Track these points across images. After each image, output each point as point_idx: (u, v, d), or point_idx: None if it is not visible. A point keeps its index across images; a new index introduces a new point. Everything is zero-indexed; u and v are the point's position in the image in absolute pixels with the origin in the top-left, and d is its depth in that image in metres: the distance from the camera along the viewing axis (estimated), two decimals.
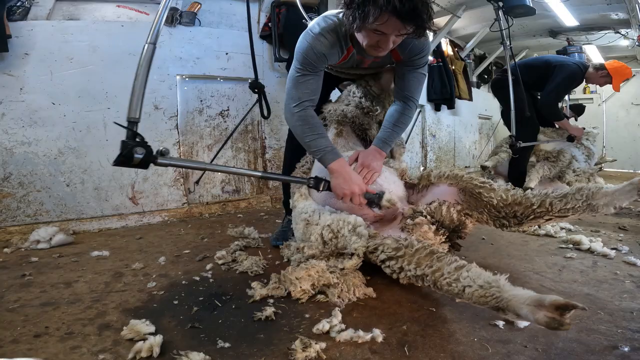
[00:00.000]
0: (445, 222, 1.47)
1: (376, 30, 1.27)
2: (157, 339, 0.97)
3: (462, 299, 1.04)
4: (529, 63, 3.27)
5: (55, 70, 2.22)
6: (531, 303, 0.89)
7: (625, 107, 6.05)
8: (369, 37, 1.32)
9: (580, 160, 3.46)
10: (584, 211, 1.29)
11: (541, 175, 3.26)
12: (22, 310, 1.19)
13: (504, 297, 0.94)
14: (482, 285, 0.99)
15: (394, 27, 1.24)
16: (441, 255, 1.15)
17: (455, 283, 1.05)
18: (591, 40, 4.99)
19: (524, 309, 0.89)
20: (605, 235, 2.07)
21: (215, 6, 2.90)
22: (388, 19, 1.21)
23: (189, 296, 1.31)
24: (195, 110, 2.76)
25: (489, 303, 0.97)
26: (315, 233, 1.40)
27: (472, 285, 1.01)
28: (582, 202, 1.27)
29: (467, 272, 1.04)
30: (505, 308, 0.94)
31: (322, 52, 1.44)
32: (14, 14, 2.16)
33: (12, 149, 2.13)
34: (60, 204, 2.24)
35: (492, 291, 0.97)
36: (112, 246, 1.91)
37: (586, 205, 1.27)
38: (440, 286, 1.09)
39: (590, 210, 1.28)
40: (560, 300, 0.85)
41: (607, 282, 1.40)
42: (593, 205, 1.26)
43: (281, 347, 0.99)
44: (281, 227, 1.99)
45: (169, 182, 2.61)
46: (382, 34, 1.28)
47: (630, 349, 0.96)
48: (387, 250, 1.26)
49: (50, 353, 0.96)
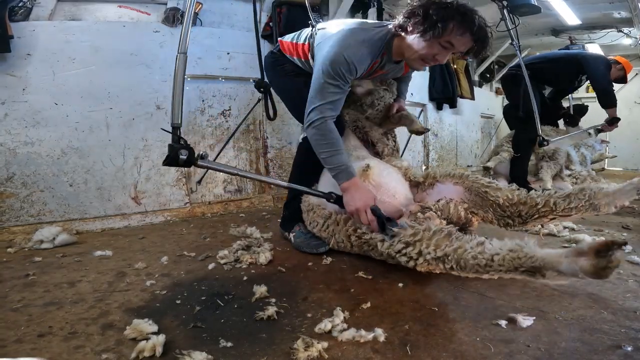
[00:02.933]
0: (454, 219, 1.50)
1: (448, 42, 1.39)
2: (159, 339, 0.97)
3: (490, 270, 1.01)
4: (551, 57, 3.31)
5: (58, 71, 2.23)
6: (570, 255, 0.86)
7: (629, 106, 6.02)
8: (431, 47, 1.41)
9: (575, 162, 3.47)
10: (587, 210, 1.32)
11: (551, 174, 3.26)
12: (26, 310, 1.20)
13: (539, 255, 0.92)
14: (512, 249, 0.97)
15: (464, 45, 1.40)
16: (460, 235, 1.15)
17: (481, 255, 1.03)
18: (594, 39, 4.97)
19: (564, 262, 0.87)
20: (608, 234, 2.06)
21: (216, 6, 2.90)
22: (464, 36, 1.38)
23: (191, 296, 1.31)
24: (197, 110, 2.76)
25: (524, 264, 0.94)
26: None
27: (500, 252, 0.99)
28: (584, 201, 1.31)
29: (491, 244, 1.03)
30: (542, 266, 0.91)
31: (354, 65, 1.44)
32: (15, 15, 2.17)
33: (15, 149, 2.13)
34: (64, 204, 2.25)
35: (525, 251, 0.95)
36: (115, 246, 1.92)
37: (589, 204, 1.31)
38: (465, 263, 1.07)
39: (593, 209, 1.32)
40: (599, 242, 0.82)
41: (610, 282, 1.39)
42: (595, 204, 1.31)
43: (283, 346, 0.99)
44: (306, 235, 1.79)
45: (172, 182, 2.62)
46: (450, 47, 1.40)
47: (634, 349, 0.95)
48: (404, 238, 1.26)
49: (54, 352, 0.97)
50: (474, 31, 1.37)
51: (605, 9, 4.11)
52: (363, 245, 1.51)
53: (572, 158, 3.45)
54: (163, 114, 2.57)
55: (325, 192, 1.54)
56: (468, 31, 1.37)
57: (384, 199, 1.56)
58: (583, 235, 1.87)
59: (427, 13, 1.36)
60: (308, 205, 1.75)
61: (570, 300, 1.24)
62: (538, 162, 3.38)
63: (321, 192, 1.56)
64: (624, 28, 4.57)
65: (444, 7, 1.36)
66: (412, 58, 1.49)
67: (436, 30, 1.35)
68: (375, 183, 1.59)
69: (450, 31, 1.36)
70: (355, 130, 1.89)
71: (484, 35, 1.39)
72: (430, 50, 1.42)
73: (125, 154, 2.44)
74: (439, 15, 1.34)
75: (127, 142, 2.44)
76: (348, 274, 1.49)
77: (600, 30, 4.67)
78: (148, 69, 2.52)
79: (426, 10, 1.36)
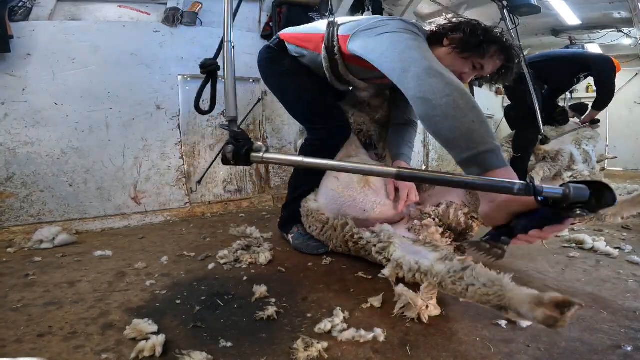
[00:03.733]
0: (453, 225, 1.48)
1: (479, 64, 1.41)
2: (159, 339, 0.98)
3: (465, 298, 1.04)
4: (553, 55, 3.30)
5: (58, 71, 2.23)
6: (531, 301, 0.88)
7: (629, 107, 6.02)
8: (464, 65, 1.42)
9: (578, 161, 3.44)
10: (591, 219, 1.30)
11: (542, 176, 3.24)
12: (26, 310, 1.20)
13: (507, 296, 0.94)
14: (486, 284, 0.99)
15: (492, 69, 1.43)
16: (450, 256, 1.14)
17: (459, 282, 1.04)
18: (593, 39, 4.97)
19: (525, 306, 0.89)
20: (608, 234, 2.06)
21: (216, 6, 2.90)
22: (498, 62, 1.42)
23: (191, 296, 1.31)
24: None
25: (491, 302, 0.97)
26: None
27: (476, 283, 1.00)
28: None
29: (472, 271, 1.04)
30: (507, 307, 0.94)
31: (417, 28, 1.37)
32: (15, 15, 2.17)
33: (15, 150, 2.13)
34: (63, 204, 2.25)
35: (495, 289, 0.96)
36: (115, 246, 1.92)
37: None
38: (444, 285, 1.09)
39: (597, 219, 1.29)
40: (558, 297, 0.84)
41: (610, 282, 1.40)
42: (600, 214, 1.27)
43: (283, 346, 0.99)
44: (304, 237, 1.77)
45: (172, 182, 2.62)
46: (480, 69, 1.43)
47: (634, 349, 0.95)
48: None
49: (54, 353, 0.97)
50: (510, 57, 1.42)
51: (605, 9, 4.11)
52: (360, 251, 1.52)
53: (574, 158, 3.41)
54: (163, 114, 2.57)
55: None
56: (505, 57, 1.42)
57: (385, 203, 1.56)
58: (583, 235, 1.87)
59: (474, 32, 1.38)
60: (307, 210, 1.74)
61: None
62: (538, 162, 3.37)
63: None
64: (624, 28, 4.57)
65: (491, 31, 1.40)
66: None
67: (480, 50, 1.38)
68: (376, 187, 1.58)
69: (492, 55, 1.40)
70: (360, 134, 1.87)
71: (514, 62, 1.44)
72: (462, 68, 1.43)
73: (125, 154, 2.44)
74: (486, 37, 1.37)
75: (127, 142, 2.44)
76: (348, 274, 1.49)
77: (600, 30, 4.67)
78: (148, 69, 2.52)
79: (474, 30, 1.38)
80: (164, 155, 2.59)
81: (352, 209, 1.57)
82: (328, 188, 1.65)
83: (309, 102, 1.76)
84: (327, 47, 1.55)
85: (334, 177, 1.65)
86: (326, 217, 1.64)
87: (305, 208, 1.75)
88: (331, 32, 1.54)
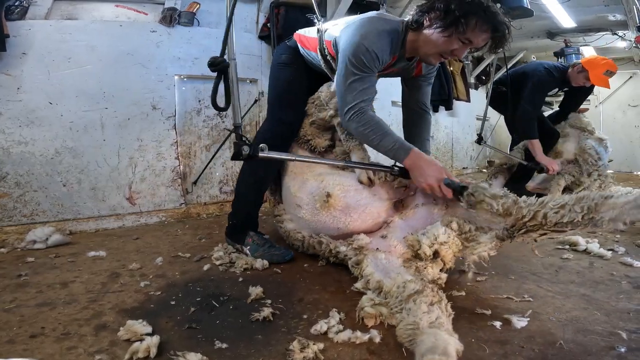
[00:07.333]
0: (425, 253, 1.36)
1: (466, 39, 1.35)
2: (154, 340, 0.97)
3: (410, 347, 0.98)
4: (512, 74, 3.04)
5: (53, 70, 2.22)
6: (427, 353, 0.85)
7: (622, 109, 6.07)
8: (451, 43, 1.37)
9: (604, 159, 3.03)
10: (586, 226, 1.07)
11: (563, 187, 2.97)
12: (18, 311, 1.19)
13: (417, 340, 0.92)
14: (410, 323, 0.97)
15: (483, 41, 1.38)
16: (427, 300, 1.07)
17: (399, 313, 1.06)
18: (589, 41, 5.01)
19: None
20: (601, 236, 2.07)
21: (214, 6, 2.89)
22: (485, 33, 1.36)
23: (186, 297, 1.30)
24: (193, 110, 2.75)
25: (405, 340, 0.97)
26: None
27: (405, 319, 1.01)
28: (582, 215, 1.04)
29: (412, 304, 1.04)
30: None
31: (376, 53, 1.38)
32: (12, 14, 2.15)
33: (8, 149, 2.12)
34: (57, 204, 2.24)
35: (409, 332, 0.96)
36: (109, 246, 1.90)
37: (588, 219, 1.04)
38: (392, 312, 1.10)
39: (594, 225, 1.05)
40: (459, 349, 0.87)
41: (603, 283, 1.41)
42: (596, 219, 1.03)
43: (279, 347, 0.99)
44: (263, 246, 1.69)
45: (167, 182, 2.61)
46: (468, 43, 1.37)
47: (627, 350, 0.96)
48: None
49: (47, 353, 0.96)
50: (496, 27, 1.34)
51: (601, 12, 4.14)
52: (343, 261, 1.50)
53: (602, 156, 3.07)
54: (159, 114, 2.56)
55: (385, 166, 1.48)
56: (490, 27, 1.34)
57: (358, 218, 1.51)
58: (577, 237, 1.88)
59: (448, 8, 1.31)
60: (284, 232, 1.77)
61: (564, 302, 1.24)
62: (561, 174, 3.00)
63: (383, 165, 1.48)
64: (619, 31, 4.61)
65: (466, 3, 1.31)
66: (429, 53, 1.43)
67: (459, 27, 1.31)
68: (343, 206, 1.51)
69: (473, 27, 1.32)
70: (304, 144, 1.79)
71: (503, 30, 1.36)
72: (449, 46, 1.38)
73: (120, 154, 2.42)
74: (462, 10, 1.30)
75: (122, 142, 2.43)
76: (344, 275, 1.49)
77: (595, 32, 4.70)
78: (144, 68, 2.51)
79: (447, 5, 1.32)
80: (159, 156, 2.58)
81: (325, 229, 1.57)
82: (296, 215, 1.66)
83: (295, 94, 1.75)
84: (320, 50, 1.63)
85: (296, 205, 1.63)
86: (302, 235, 1.67)
87: (282, 229, 1.78)
88: (321, 37, 1.62)
